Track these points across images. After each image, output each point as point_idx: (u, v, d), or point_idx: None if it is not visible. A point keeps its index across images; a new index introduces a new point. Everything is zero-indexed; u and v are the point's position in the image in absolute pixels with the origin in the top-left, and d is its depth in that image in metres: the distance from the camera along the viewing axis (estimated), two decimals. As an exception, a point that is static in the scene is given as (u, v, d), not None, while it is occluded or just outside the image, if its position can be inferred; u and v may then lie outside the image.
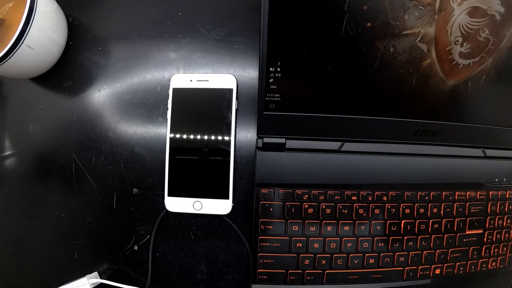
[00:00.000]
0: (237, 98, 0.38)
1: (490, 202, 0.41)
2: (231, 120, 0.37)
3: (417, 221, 0.38)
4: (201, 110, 0.38)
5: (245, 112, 0.40)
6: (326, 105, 0.35)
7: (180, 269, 0.40)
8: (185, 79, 0.38)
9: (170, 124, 0.38)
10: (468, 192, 0.40)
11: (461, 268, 0.40)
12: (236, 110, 0.38)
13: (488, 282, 0.41)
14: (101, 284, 0.40)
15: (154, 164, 0.40)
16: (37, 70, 0.39)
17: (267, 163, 0.37)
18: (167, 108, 0.39)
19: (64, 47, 0.40)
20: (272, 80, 0.33)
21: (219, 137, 0.37)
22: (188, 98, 0.38)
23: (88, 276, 0.39)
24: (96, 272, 0.40)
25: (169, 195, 0.38)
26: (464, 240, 0.40)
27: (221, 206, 0.38)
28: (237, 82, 0.38)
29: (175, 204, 0.38)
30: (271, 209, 0.37)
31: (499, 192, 0.41)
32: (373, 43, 0.32)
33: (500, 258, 0.41)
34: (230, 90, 0.38)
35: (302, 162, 0.38)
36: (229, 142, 0.37)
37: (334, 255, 0.37)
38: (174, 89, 0.38)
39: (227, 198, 0.37)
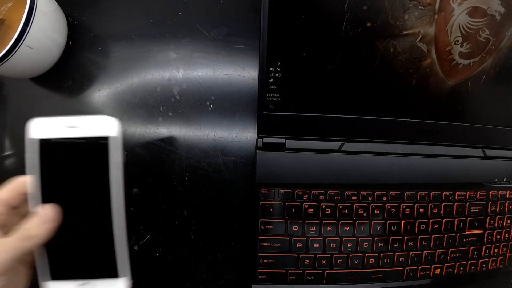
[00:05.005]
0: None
1: (490, 202, 0.41)
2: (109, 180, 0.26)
3: (417, 221, 0.38)
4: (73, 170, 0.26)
5: (245, 112, 0.41)
6: (326, 105, 0.35)
7: (180, 269, 0.40)
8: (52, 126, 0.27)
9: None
10: (468, 192, 0.40)
11: (461, 268, 0.40)
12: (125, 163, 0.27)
13: (488, 282, 0.41)
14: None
15: (154, 164, 0.40)
16: (37, 70, 0.39)
17: (267, 163, 0.37)
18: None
19: (64, 47, 0.40)
20: (272, 80, 0.33)
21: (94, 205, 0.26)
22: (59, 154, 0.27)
23: None
24: None
25: (52, 278, 0.27)
26: (464, 240, 0.40)
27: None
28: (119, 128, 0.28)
29: None
30: (271, 209, 0.37)
31: (499, 192, 0.41)
32: (373, 43, 0.32)
33: (500, 258, 0.41)
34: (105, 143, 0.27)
35: (302, 162, 0.38)
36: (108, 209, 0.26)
37: (334, 255, 0.37)
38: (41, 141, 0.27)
39: (116, 276, 0.27)
